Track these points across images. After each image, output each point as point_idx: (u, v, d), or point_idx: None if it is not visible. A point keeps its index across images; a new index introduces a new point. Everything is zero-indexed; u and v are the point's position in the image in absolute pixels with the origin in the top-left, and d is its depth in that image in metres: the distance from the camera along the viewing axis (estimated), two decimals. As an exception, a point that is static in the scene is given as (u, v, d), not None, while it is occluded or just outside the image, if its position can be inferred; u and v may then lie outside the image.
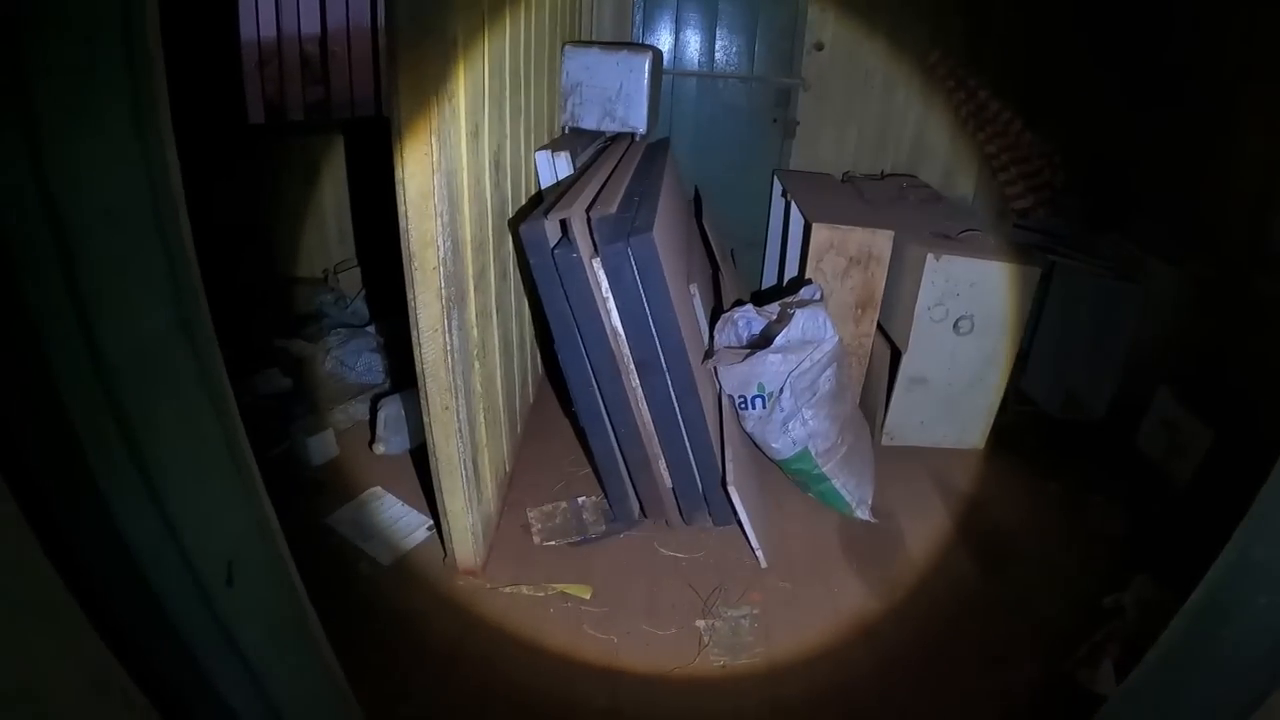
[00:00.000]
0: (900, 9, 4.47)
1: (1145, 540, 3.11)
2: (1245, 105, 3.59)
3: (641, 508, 2.94)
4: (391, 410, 3.28)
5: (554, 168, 3.25)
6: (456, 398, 2.27)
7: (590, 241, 2.43)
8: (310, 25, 5.02)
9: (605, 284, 2.43)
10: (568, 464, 3.33)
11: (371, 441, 3.33)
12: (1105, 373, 3.90)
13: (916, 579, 2.89)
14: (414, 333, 2.15)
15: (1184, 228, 3.89)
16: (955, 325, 3.33)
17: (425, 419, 2.31)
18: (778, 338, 2.81)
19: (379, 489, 3.10)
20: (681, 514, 2.94)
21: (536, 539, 2.89)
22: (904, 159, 4.76)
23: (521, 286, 3.19)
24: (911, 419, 3.59)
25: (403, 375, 3.59)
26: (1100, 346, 3.87)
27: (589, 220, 2.42)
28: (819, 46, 4.54)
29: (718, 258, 3.90)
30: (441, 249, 2.04)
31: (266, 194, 4.50)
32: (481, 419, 2.58)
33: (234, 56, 4.35)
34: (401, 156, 1.94)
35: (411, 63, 1.87)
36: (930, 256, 3.20)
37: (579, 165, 3.28)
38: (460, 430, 2.33)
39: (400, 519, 2.95)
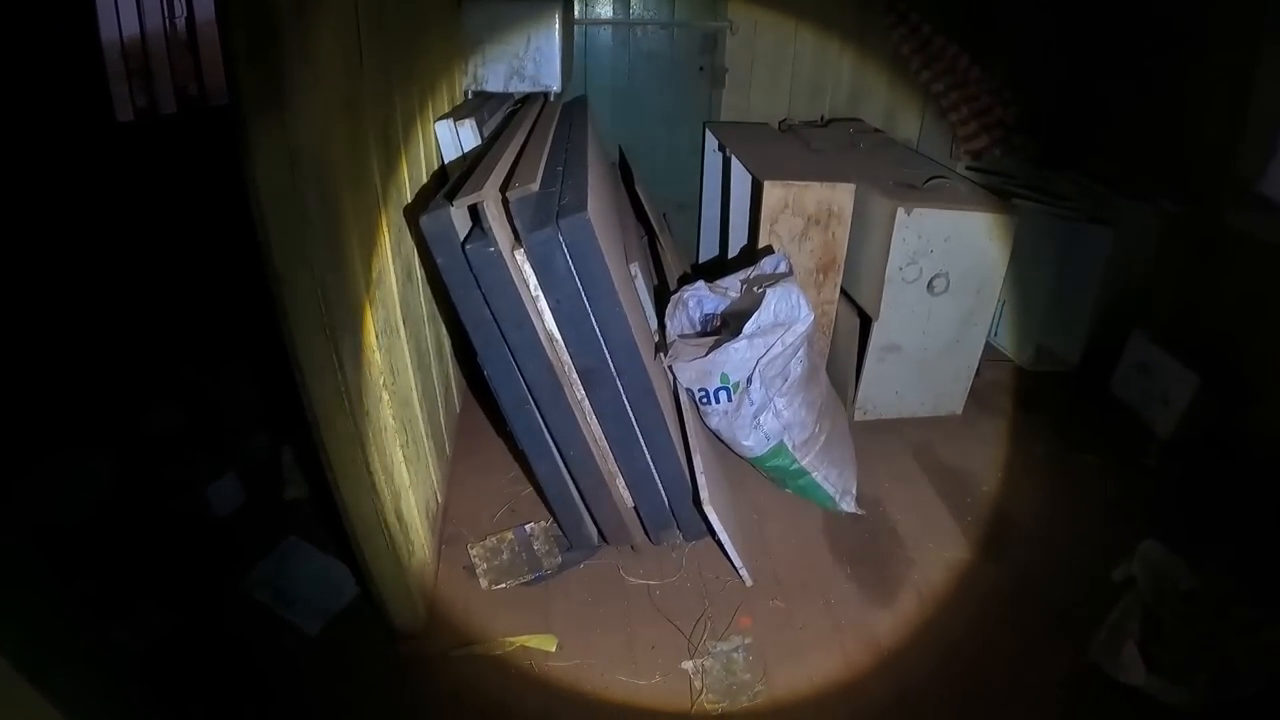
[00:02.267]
0: (832, -63, 4.05)
1: (1140, 498, 2.93)
2: (1210, 23, 3.30)
3: (600, 532, 2.52)
4: (297, 448, 2.78)
5: (458, 139, 2.76)
6: (364, 446, 1.80)
7: (510, 229, 1.96)
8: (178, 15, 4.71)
9: (534, 280, 1.98)
10: (507, 482, 2.88)
11: (280, 487, 2.83)
12: (1076, 320, 3.67)
13: (916, 575, 2.58)
14: (297, 374, 1.67)
15: (1147, 162, 3.65)
16: (929, 285, 2.98)
17: (329, 476, 1.84)
18: (748, 324, 2.39)
19: (295, 539, 2.62)
20: (648, 534, 2.54)
21: (483, 583, 2.45)
22: (842, 103, 4.37)
23: (430, 287, 2.69)
24: (886, 390, 3.25)
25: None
26: (1070, 292, 3.61)
27: (506, 202, 1.95)
28: (745, -16, 4.09)
29: (653, 224, 3.46)
30: (319, 261, 1.56)
31: (141, 197, 3.90)
32: (400, 457, 2.11)
33: (96, 56, 3.87)
34: (247, 144, 1.44)
35: (248, 23, 1.38)
36: (900, 211, 2.82)
37: (487, 134, 2.80)
38: (375, 484, 1.86)
39: (324, 574, 2.49)
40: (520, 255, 1.94)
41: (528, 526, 2.62)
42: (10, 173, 3.21)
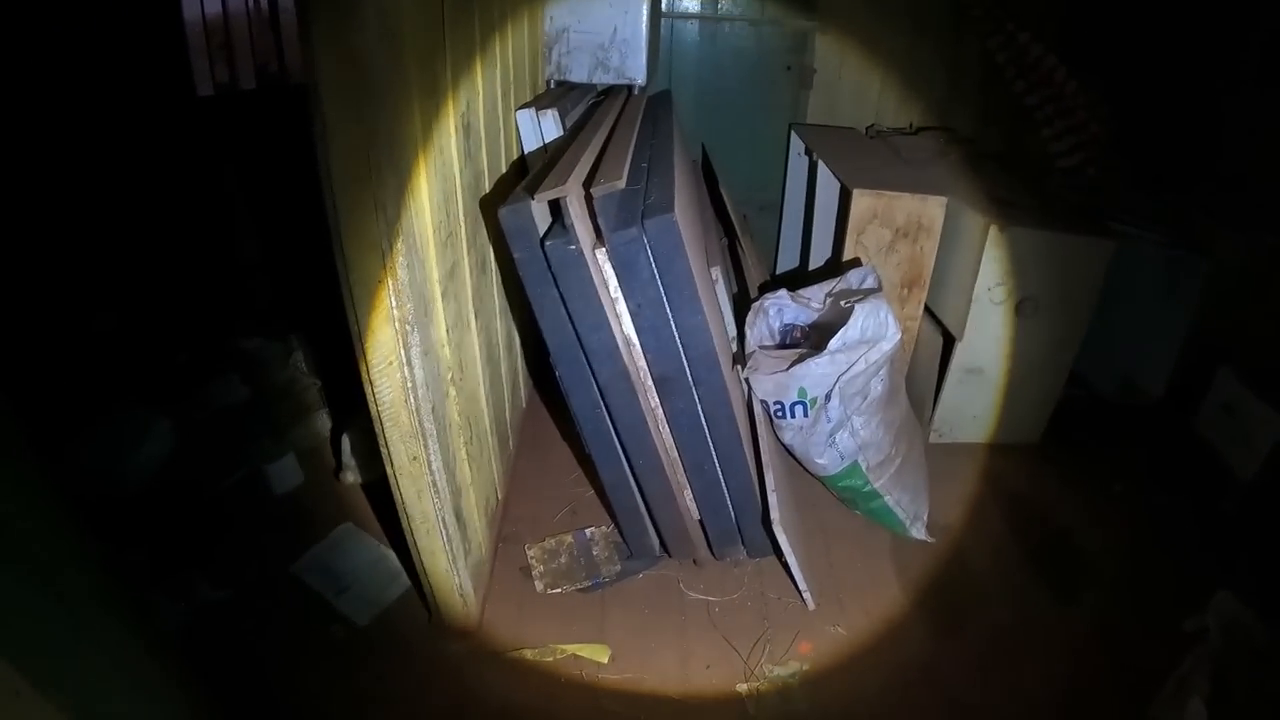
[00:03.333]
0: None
1: (1218, 545, 2.76)
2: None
3: (662, 543, 2.44)
4: (358, 432, 2.75)
5: (539, 129, 2.69)
6: (426, 444, 1.74)
7: (592, 227, 1.89)
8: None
9: (614, 282, 1.90)
10: (570, 483, 2.82)
11: (338, 470, 2.81)
12: (1163, 352, 3.45)
13: (983, 612, 2.44)
14: (361, 367, 1.62)
15: (1252, 191, 3.41)
16: (1018, 307, 2.83)
17: (389, 471, 1.79)
18: (833, 340, 2.28)
19: (350, 526, 2.60)
20: (711, 548, 2.45)
21: (539, 585, 2.40)
22: (933, 110, 4.20)
23: (502, 280, 2.63)
24: (964, 413, 3.11)
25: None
26: (1158, 323, 3.40)
27: (590, 199, 1.87)
28: (838, -17, 3.96)
29: (735, 224, 3.36)
30: (391, 251, 1.50)
31: (218, 171, 3.93)
32: (464, 454, 2.06)
33: (178, 31, 3.94)
34: (322, 128, 1.38)
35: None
36: (993, 228, 2.67)
37: (569, 125, 2.73)
38: (435, 482, 1.81)
39: (377, 563, 2.46)
40: (602, 255, 1.87)
41: (588, 531, 2.55)
42: (94, 139, 3.25)
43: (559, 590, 2.38)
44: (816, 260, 3.45)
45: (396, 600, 2.35)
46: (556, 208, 1.84)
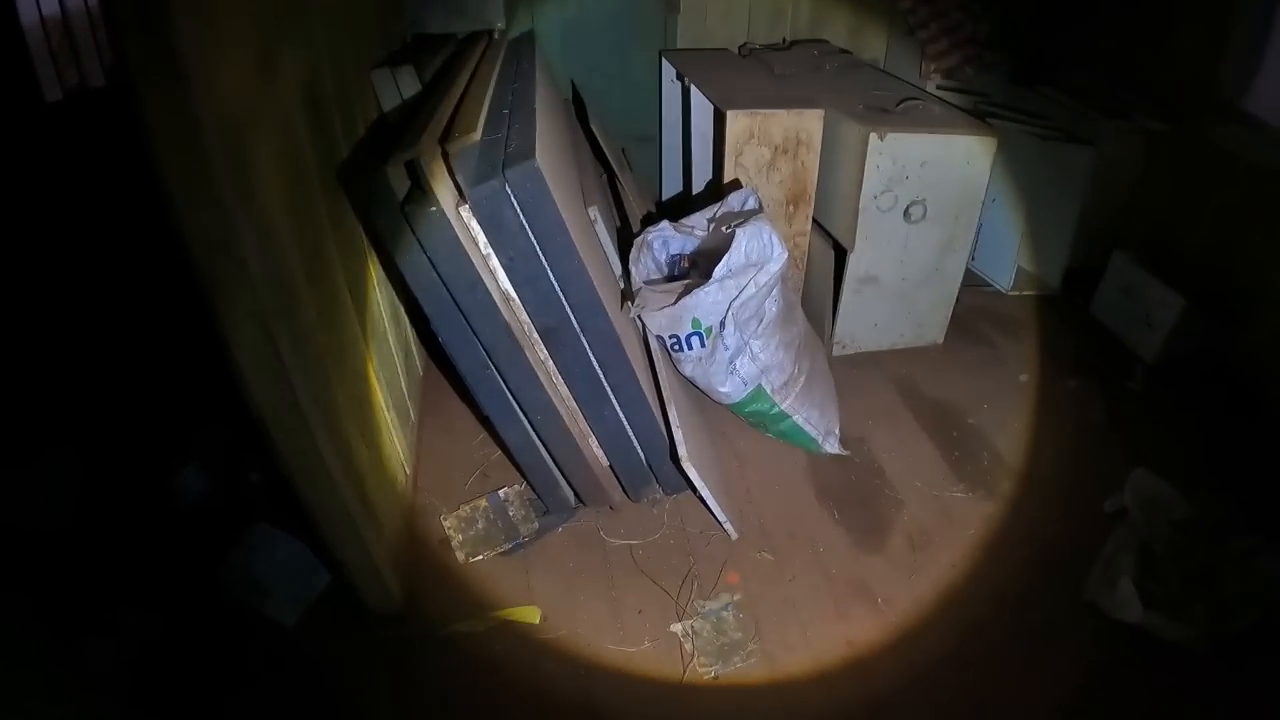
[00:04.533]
0: None
1: (1129, 425, 2.87)
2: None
3: (576, 494, 2.42)
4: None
5: (397, 87, 2.56)
6: (315, 435, 1.66)
7: (453, 185, 1.80)
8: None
9: (483, 238, 1.83)
10: (477, 446, 2.75)
11: (243, 469, 2.69)
12: (1056, 242, 3.56)
13: (906, 517, 2.50)
14: (234, 369, 1.52)
15: (1127, 78, 3.52)
16: (906, 213, 2.85)
17: (284, 470, 1.70)
18: (718, 267, 2.25)
19: (264, 526, 2.48)
20: (626, 492, 2.44)
21: (460, 555, 2.35)
22: (804, 24, 4.13)
23: (374, 250, 2.51)
24: (864, 322, 3.14)
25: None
26: (1049, 214, 3.50)
27: (445, 155, 1.78)
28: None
29: (611, 162, 3.28)
30: (238, 243, 1.40)
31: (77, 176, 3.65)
32: (358, 439, 1.98)
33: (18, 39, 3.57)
34: (145, 126, 1.26)
35: None
36: (873, 136, 2.67)
37: (429, 79, 2.61)
38: (331, 474, 1.73)
39: (296, 560, 2.35)
40: (466, 212, 1.79)
41: (501, 492, 2.51)
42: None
43: (480, 557, 2.34)
44: (699, 187, 3.41)
45: (320, 594, 2.27)
46: (413, 169, 1.75)
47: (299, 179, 1.78)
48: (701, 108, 3.22)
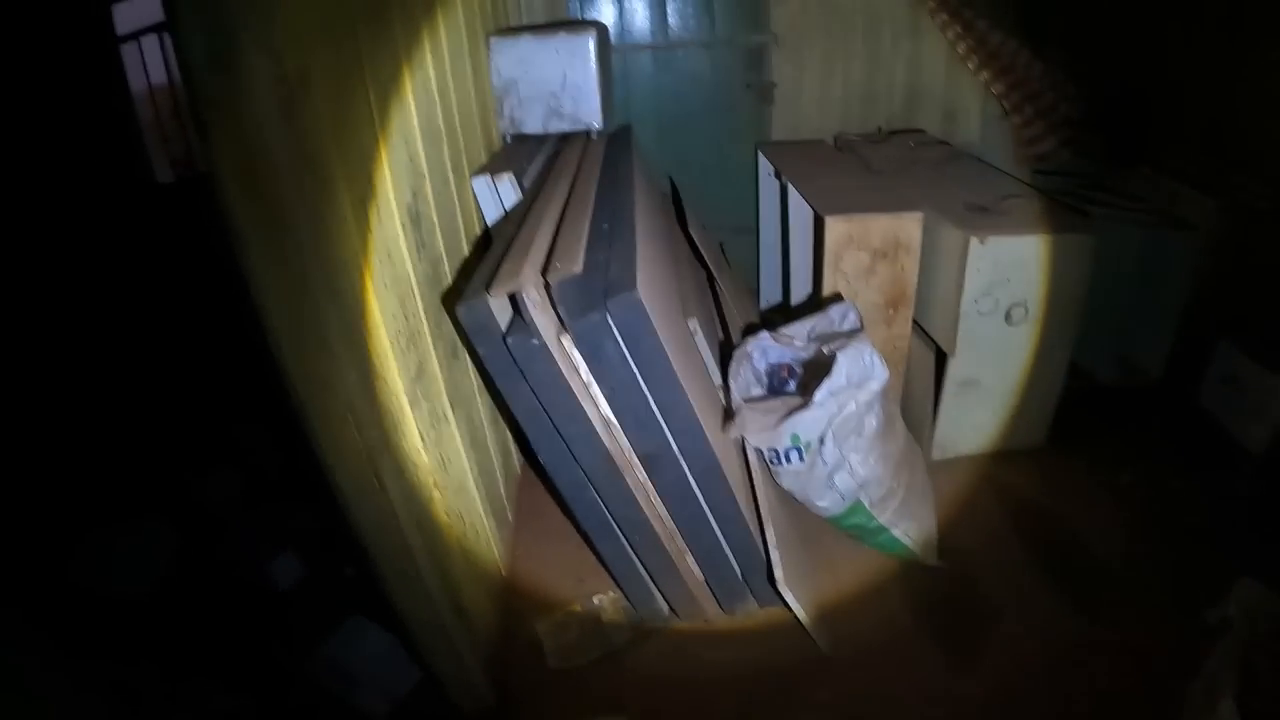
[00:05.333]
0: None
1: (1234, 529, 2.68)
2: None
3: (670, 606, 2.39)
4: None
5: (497, 195, 2.63)
6: (416, 558, 1.70)
7: (555, 316, 1.83)
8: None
9: (584, 367, 1.85)
10: (573, 549, 2.74)
11: (338, 561, 2.76)
12: (1159, 330, 3.39)
13: (1001, 633, 2.38)
14: (340, 500, 1.57)
15: (1223, 153, 3.36)
16: (1007, 315, 2.77)
17: (384, 586, 1.74)
18: (818, 391, 2.23)
19: (359, 618, 2.54)
20: (720, 604, 2.40)
21: (552, 661, 2.34)
22: (898, 109, 4.14)
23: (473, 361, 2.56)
24: (964, 426, 3.04)
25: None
26: (1151, 302, 3.34)
27: (548, 287, 1.82)
28: (787, -9, 3.90)
29: (709, 262, 3.30)
30: (344, 384, 1.45)
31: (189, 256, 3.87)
32: (458, 550, 2.01)
33: (127, 110, 3.74)
34: (249, 262, 1.32)
35: (220, 118, 1.25)
36: (974, 240, 2.62)
37: (529, 186, 2.68)
38: (429, 593, 1.76)
39: (390, 654, 2.39)
40: (568, 342, 1.82)
41: (596, 599, 2.50)
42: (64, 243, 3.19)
43: (572, 664, 2.33)
44: (798, 283, 3.39)
45: (411, 691, 2.30)
46: (515, 301, 1.79)
47: (403, 302, 1.84)
48: (800, 207, 3.22)
